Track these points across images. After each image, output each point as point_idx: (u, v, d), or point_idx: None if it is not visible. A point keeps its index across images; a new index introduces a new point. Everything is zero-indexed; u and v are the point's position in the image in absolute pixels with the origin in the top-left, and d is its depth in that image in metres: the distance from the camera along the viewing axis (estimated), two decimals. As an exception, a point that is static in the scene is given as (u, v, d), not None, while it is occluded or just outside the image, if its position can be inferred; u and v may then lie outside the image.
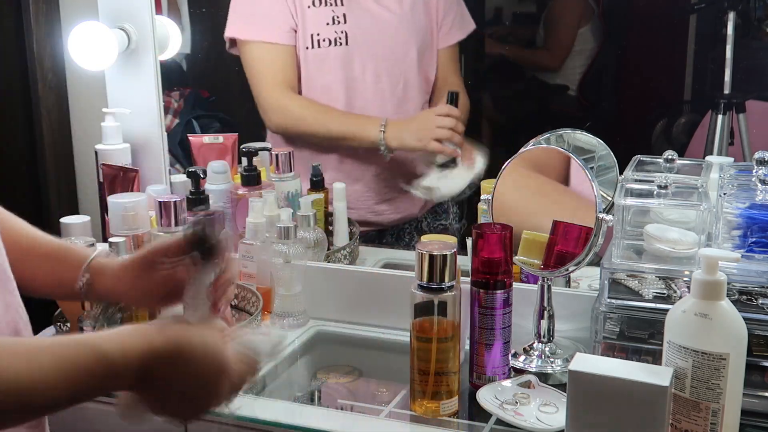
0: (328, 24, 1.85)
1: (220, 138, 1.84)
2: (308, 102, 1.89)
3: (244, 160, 1.72)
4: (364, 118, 1.86)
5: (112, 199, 1.59)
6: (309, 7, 1.85)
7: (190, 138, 1.86)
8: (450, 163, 1.80)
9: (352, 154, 1.90)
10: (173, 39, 1.91)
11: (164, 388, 0.87)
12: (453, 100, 1.81)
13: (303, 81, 1.89)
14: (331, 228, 1.78)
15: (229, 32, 1.90)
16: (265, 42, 1.87)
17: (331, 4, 1.85)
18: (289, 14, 1.85)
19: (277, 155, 1.75)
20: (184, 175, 1.73)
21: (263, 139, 2.08)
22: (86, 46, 1.75)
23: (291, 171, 1.75)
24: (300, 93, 1.89)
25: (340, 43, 1.85)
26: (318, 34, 1.85)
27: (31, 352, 0.80)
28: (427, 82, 1.94)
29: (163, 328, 0.88)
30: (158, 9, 1.85)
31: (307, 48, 1.86)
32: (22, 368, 0.78)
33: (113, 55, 1.75)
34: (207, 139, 1.85)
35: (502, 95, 2.20)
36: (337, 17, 1.85)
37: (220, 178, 1.77)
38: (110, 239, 1.52)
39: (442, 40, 1.95)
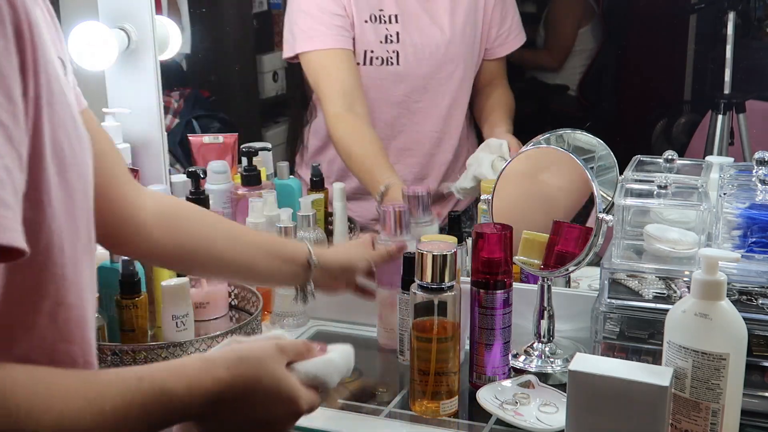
0: (381, 42, 1.85)
1: (220, 138, 1.84)
2: (352, 135, 1.82)
3: (244, 160, 1.72)
4: (377, 176, 1.76)
5: None
6: (365, 21, 1.85)
7: (190, 138, 1.87)
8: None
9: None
10: (173, 39, 1.91)
11: (228, 425, 0.86)
12: None
13: None
14: (331, 228, 1.78)
15: (290, 50, 1.89)
16: (322, 49, 1.85)
17: (385, 22, 1.85)
18: (348, 22, 1.85)
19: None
20: (184, 175, 1.73)
21: (263, 139, 2.09)
22: (86, 46, 1.75)
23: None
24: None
25: (391, 63, 1.86)
26: (372, 51, 1.86)
27: (94, 394, 0.77)
28: (468, 93, 1.95)
29: (232, 363, 0.87)
30: (158, 9, 1.85)
31: (358, 63, 1.87)
32: (85, 414, 0.76)
33: (113, 55, 1.75)
34: (207, 139, 1.85)
35: (503, 95, 2.20)
36: (391, 36, 1.85)
37: (220, 178, 1.77)
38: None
39: (497, 51, 1.97)
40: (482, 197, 1.49)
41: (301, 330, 1.58)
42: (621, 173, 1.43)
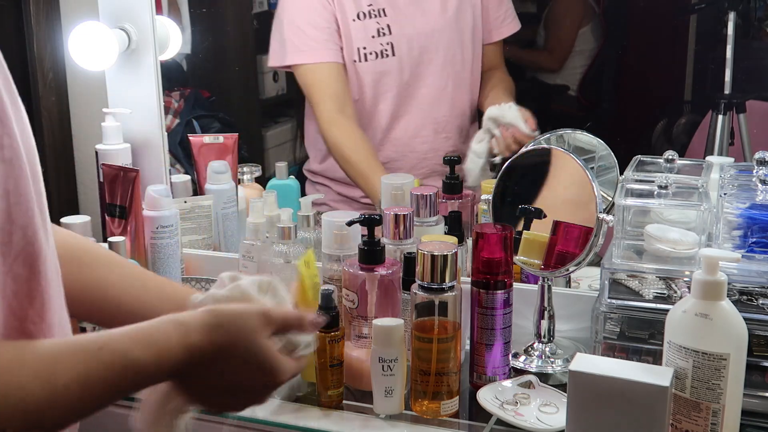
0: (373, 37, 1.88)
1: (220, 138, 1.84)
2: (340, 138, 1.87)
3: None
4: (374, 180, 1.77)
5: (326, 217, 1.46)
6: (354, 20, 1.87)
7: (190, 138, 1.87)
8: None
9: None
10: (173, 39, 1.91)
11: (201, 387, 0.84)
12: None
13: (355, 92, 1.91)
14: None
15: (277, 61, 1.94)
16: (313, 63, 1.90)
17: (375, 16, 1.87)
18: (335, 32, 1.88)
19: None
20: (185, 175, 1.73)
21: (262, 139, 2.09)
22: (86, 46, 1.75)
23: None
24: (354, 103, 1.91)
25: (387, 55, 1.88)
26: (364, 48, 1.88)
27: (45, 369, 0.75)
28: (474, 78, 1.97)
29: (208, 328, 0.82)
30: (158, 9, 1.85)
31: (354, 61, 1.89)
32: (34, 389, 0.73)
33: (113, 55, 1.75)
34: (207, 139, 1.85)
35: (503, 95, 2.20)
36: (382, 29, 1.87)
37: (220, 178, 1.78)
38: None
39: (495, 34, 1.98)
40: (482, 197, 1.49)
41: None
42: (621, 173, 1.43)
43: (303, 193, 1.88)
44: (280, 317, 0.89)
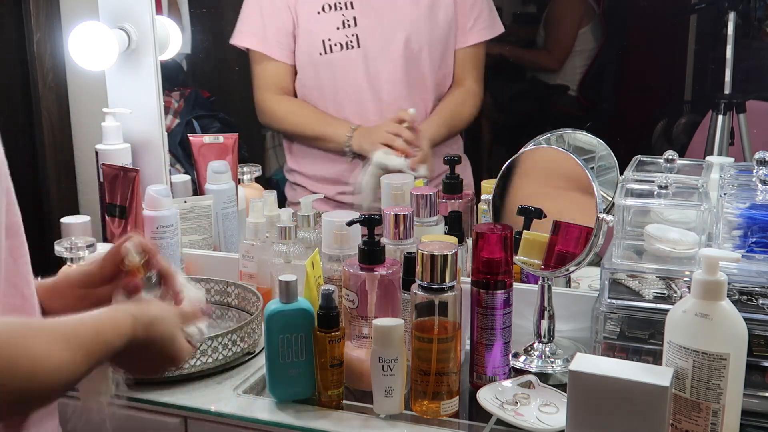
0: (338, 28, 1.87)
1: (221, 138, 1.84)
2: (290, 105, 1.94)
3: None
4: (337, 122, 1.89)
5: (326, 217, 1.46)
6: (318, 13, 1.87)
7: (190, 138, 1.87)
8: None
9: None
10: (173, 39, 1.91)
11: (128, 361, 1.04)
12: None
13: (319, 85, 1.91)
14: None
15: (236, 40, 1.98)
16: (264, 54, 1.93)
17: (341, 8, 1.87)
18: (291, 34, 1.90)
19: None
20: (185, 175, 1.72)
21: (263, 139, 2.08)
22: (86, 46, 1.75)
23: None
24: (300, 96, 1.92)
25: (352, 47, 1.87)
26: (329, 39, 1.87)
27: (69, 336, 0.91)
28: (440, 79, 1.94)
29: (145, 322, 1.02)
30: (158, 9, 1.85)
31: (320, 54, 1.88)
32: (65, 351, 0.89)
33: (113, 55, 1.75)
34: (207, 139, 1.86)
35: (503, 95, 2.20)
36: (348, 21, 1.87)
37: (220, 178, 1.78)
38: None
39: (461, 40, 1.96)
40: (482, 197, 1.49)
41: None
42: (621, 173, 1.43)
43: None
44: (187, 312, 1.10)
